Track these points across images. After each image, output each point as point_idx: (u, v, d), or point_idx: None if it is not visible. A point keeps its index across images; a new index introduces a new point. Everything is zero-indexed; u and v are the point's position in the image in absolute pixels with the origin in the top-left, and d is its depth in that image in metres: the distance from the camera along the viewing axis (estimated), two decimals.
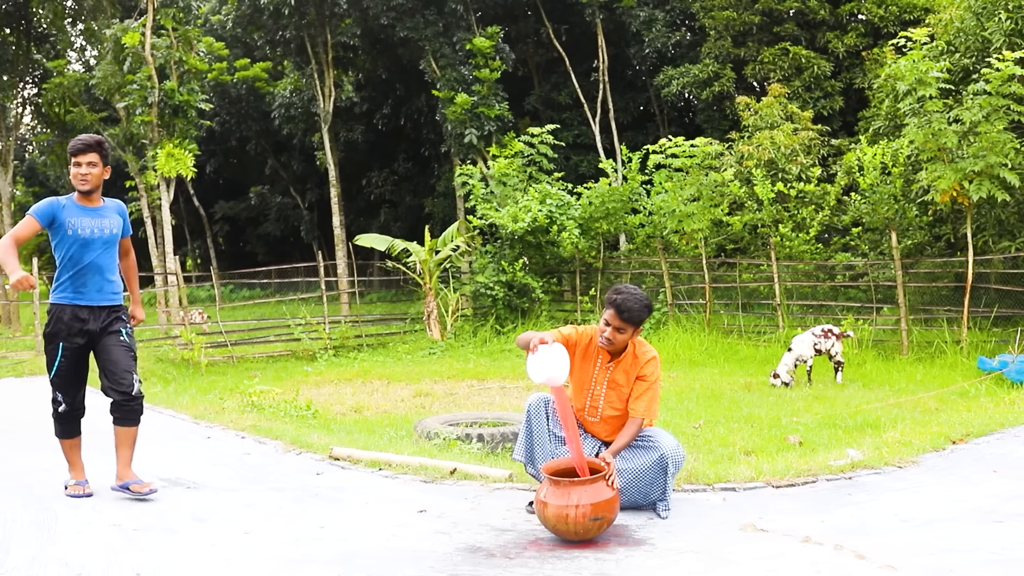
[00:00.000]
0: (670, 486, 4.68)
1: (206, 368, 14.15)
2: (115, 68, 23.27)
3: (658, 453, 4.64)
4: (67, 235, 5.06)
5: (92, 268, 5.13)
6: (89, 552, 4.17)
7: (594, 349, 4.80)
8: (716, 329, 15.00)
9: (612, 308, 4.62)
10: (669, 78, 24.44)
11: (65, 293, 5.12)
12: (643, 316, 4.65)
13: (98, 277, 5.16)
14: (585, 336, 4.82)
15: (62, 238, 5.08)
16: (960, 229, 13.32)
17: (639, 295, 4.65)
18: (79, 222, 5.08)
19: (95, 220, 5.15)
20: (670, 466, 4.63)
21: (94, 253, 5.13)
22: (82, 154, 5.10)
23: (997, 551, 3.91)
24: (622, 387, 4.76)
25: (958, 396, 8.94)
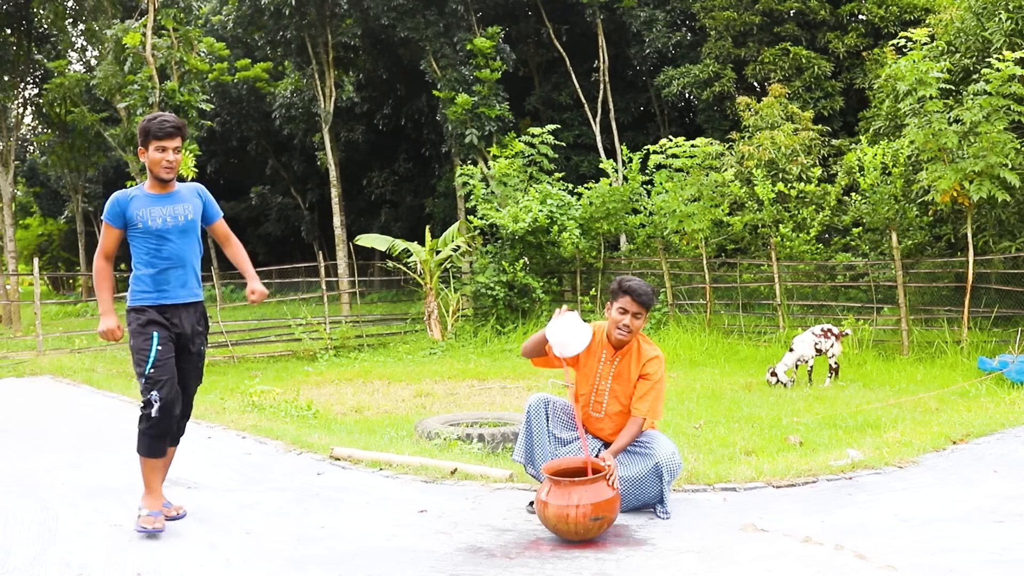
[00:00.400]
0: (668, 492, 4.68)
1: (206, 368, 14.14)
2: (116, 68, 23.25)
3: (653, 461, 4.64)
4: (139, 229, 4.54)
5: (175, 262, 4.62)
6: (90, 552, 4.18)
7: (599, 344, 4.81)
8: (717, 329, 15.00)
9: (627, 294, 4.67)
10: (669, 78, 24.43)
11: (147, 294, 4.61)
12: (653, 300, 4.79)
13: (180, 271, 4.64)
14: (596, 332, 4.84)
15: (135, 233, 4.57)
16: (960, 229, 13.31)
17: (645, 283, 4.78)
18: (148, 212, 4.55)
19: (167, 208, 4.59)
20: (665, 474, 4.63)
21: (173, 245, 4.60)
22: (170, 138, 4.53)
23: (998, 551, 3.92)
24: (627, 382, 4.77)
25: (959, 396, 8.94)
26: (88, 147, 33.14)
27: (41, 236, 52.72)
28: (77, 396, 10.75)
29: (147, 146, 4.54)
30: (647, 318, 4.81)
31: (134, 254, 4.62)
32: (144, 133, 4.54)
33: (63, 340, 16.32)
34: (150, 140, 4.53)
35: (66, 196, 40.66)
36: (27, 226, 51.45)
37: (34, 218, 51.45)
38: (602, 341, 4.81)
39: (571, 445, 4.74)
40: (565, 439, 4.78)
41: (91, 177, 38.41)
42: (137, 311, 4.60)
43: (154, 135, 4.51)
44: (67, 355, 14.23)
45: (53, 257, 53.51)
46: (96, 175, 38.90)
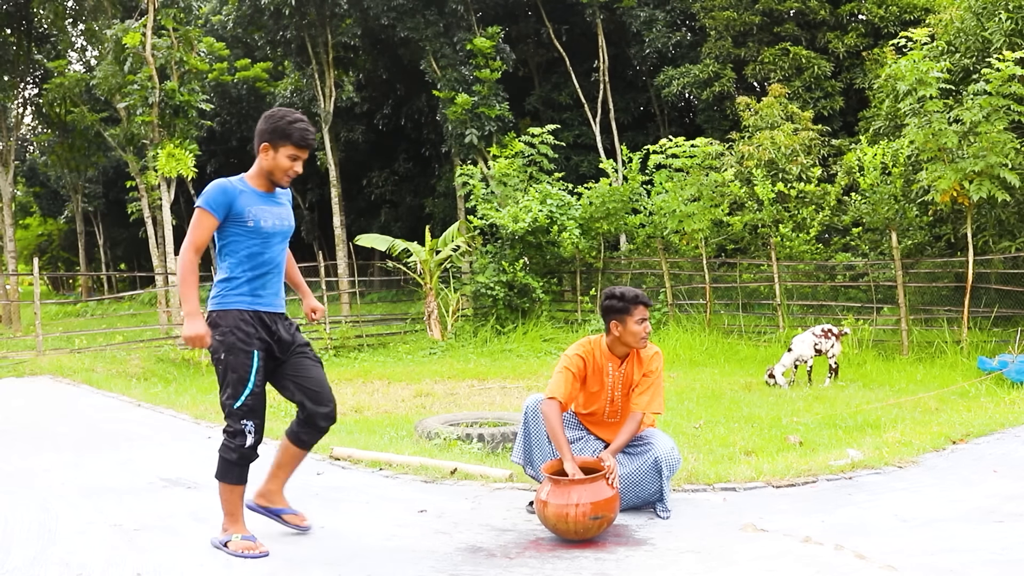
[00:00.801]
0: (667, 488, 4.68)
1: (207, 368, 14.14)
2: (116, 68, 23.25)
3: (653, 456, 4.65)
4: (247, 228, 4.11)
5: (274, 267, 4.25)
6: (90, 552, 4.18)
7: (602, 359, 4.80)
8: (716, 329, 15.01)
9: (639, 304, 4.68)
10: (669, 78, 24.44)
11: (241, 297, 4.15)
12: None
13: (276, 278, 4.29)
14: (592, 353, 4.82)
15: (240, 231, 4.12)
16: (960, 229, 13.31)
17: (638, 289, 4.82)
18: (260, 212, 4.14)
19: (276, 210, 4.23)
20: (664, 469, 4.63)
21: (275, 249, 4.24)
22: (308, 150, 4.20)
23: (997, 551, 3.91)
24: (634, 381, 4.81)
25: (958, 396, 8.94)
26: (88, 147, 33.13)
27: (41, 236, 52.73)
28: (77, 396, 10.75)
29: (277, 148, 4.12)
30: None
31: (228, 254, 4.16)
32: (280, 134, 4.11)
33: (63, 340, 16.31)
34: (286, 144, 4.12)
35: (66, 196, 40.66)
36: (27, 226, 51.46)
37: (34, 218, 51.46)
38: (604, 356, 4.81)
39: (572, 446, 4.74)
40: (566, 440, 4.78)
41: (91, 177, 38.41)
42: (232, 314, 4.13)
43: (295, 142, 4.12)
44: (67, 355, 14.23)
45: (53, 257, 53.53)
46: (96, 175, 38.89)
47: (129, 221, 33.86)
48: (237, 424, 4.12)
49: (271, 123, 4.13)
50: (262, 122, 4.17)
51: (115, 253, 48.64)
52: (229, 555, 4.05)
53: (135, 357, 14.34)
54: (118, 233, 45.87)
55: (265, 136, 4.14)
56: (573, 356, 4.77)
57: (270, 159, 4.14)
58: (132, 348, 15.38)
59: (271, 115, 4.18)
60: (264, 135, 4.13)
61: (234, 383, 4.11)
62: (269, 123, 4.14)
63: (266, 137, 4.13)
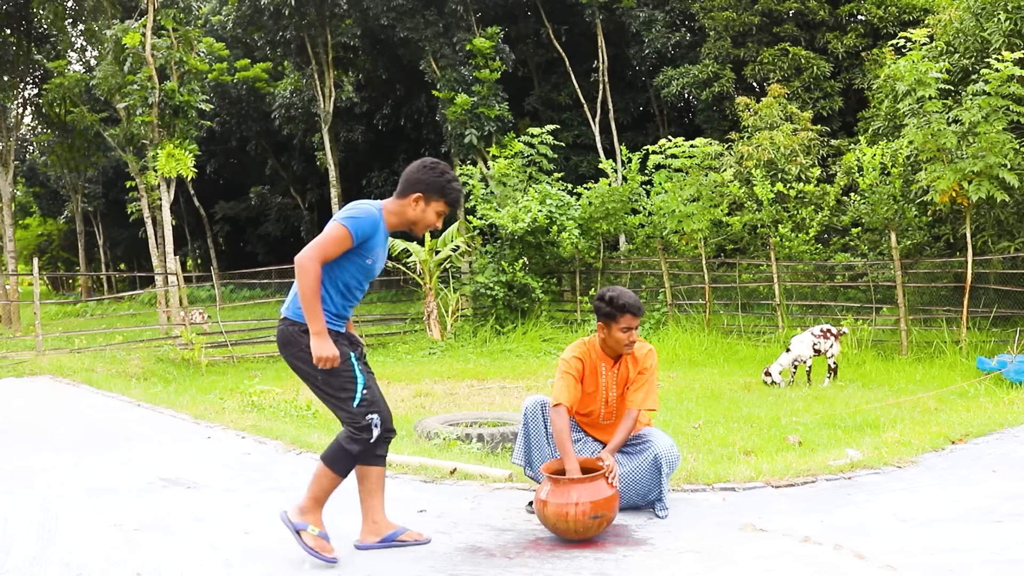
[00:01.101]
0: (666, 486, 4.69)
1: (206, 368, 14.16)
2: (115, 68, 23.26)
3: (652, 454, 4.66)
4: (363, 264, 4.09)
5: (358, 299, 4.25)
6: (89, 552, 4.18)
7: (596, 360, 4.80)
8: (716, 329, 15.01)
9: (626, 312, 4.61)
10: (669, 78, 24.45)
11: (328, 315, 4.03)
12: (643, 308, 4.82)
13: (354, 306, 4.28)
14: (585, 358, 4.80)
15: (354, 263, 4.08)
16: (959, 229, 13.32)
17: (628, 290, 4.75)
18: (380, 254, 4.15)
19: (384, 252, 4.22)
20: (664, 466, 4.64)
21: (367, 285, 4.25)
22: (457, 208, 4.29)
23: (996, 551, 3.92)
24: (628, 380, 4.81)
25: (957, 396, 8.94)
26: (88, 147, 33.14)
27: (41, 236, 52.72)
28: (77, 396, 10.75)
29: (429, 202, 4.09)
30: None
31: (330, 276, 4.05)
32: (438, 190, 4.09)
33: (62, 340, 16.32)
34: (439, 201, 4.11)
35: (66, 196, 40.65)
36: (27, 226, 51.46)
37: (34, 218, 51.47)
38: (598, 356, 4.80)
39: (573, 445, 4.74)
40: None
41: (91, 177, 38.42)
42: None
43: (449, 202, 4.14)
44: (66, 355, 14.23)
45: (53, 257, 53.52)
46: (96, 175, 38.91)
47: (129, 221, 33.89)
48: (362, 420, 3.99)
49: (431, 176, 4.09)
50: (419, 172, 4.10)
51: (115, 253, 48.65)
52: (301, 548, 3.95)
53: (135, 357, 14.35)
54: (118, 233, 45.88)
55: (421, 187, 4.08)
56: (571, 359, 4.76)
57: (418, 211, 4.11)
58: (132, 348, 15.39)
59: (431, 168, 4.11)
60: (419, 185, 4.08)
61: (343, 384, 4.01)
62: (428, 176, 4.09)
63: (421, 188, 4.08)
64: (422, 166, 4.12)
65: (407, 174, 4.13)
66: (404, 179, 4.12)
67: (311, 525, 4.00)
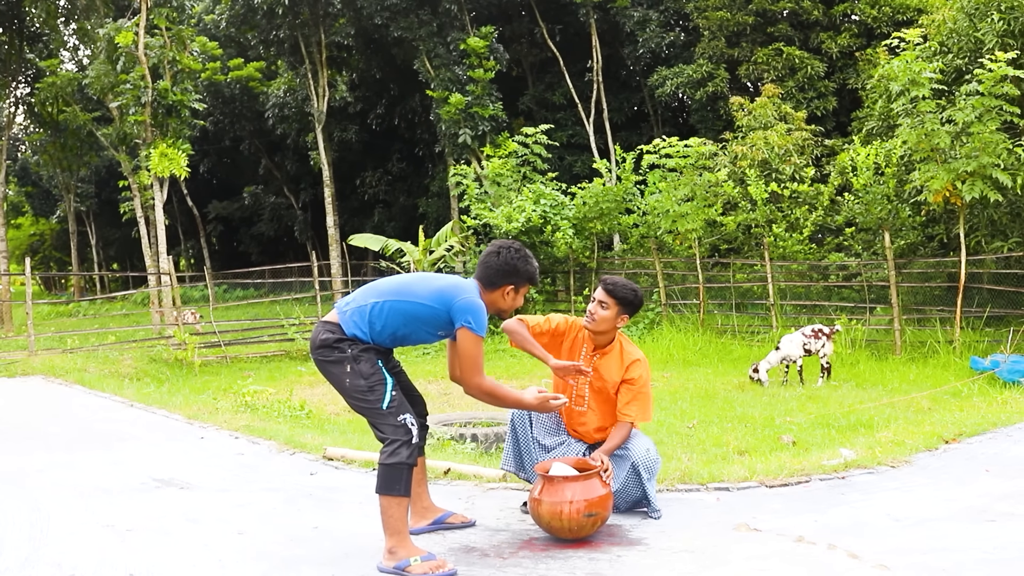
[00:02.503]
0: (651, 490, 4.65)
1: (200, 368, 14.13)
2: (108, 68, 23.21)
3: (629, 463, 4.62)
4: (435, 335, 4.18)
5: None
6: (82, 553, 4.17)
7: (580, 340, 4.78)
8: (710, 329, 15.02)
9: (599, 284, 4.66)
10: (663, 78, 24.46)
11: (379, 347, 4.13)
12: (627, 295, 4.62)
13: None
14: (573, 327, 4.80)
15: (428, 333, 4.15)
16: (953, 229, 13.35)
17: (628, 281, 4.71)
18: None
19: None
20: (643, 472, 4.60)
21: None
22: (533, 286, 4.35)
23: (990, 550, 3.93)
24: (606, 382, 4.70)
25: (951, 396, 8.96)
26: (80, 146, 33.06)
27: (33, 236, 52.59)
28: (69, 396, 10.72)
29: (519, 290, 4.19)
30: (622, 319, 4.67)
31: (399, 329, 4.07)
32: (527, 278, 4.16)
33: (55, 340, 16.27)
34: (526, 286, 4.21)
35: (58, 196, 40.57)
36: (19, 226, 51.32)
37: (26, 218, 51.32)
38: (584, 337, 4.78)
39: (555, 451, 4.72)
40: (548, 445, 4.75)
41: (83, 177, 38.34)
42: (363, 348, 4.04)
43: (534, 283, 4.25)
44: (59, 355, 14.19)
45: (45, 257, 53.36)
46: (88, 175, 38.83)
47: (122, 221, 33.80)
48: (395, 420, 3.93)
49: (519, 266, 4.12)
50: (507, 263, 4.10)
51: (107, 253, 48.54)
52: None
53: (128, 357, 14.31)
54: (110, 233, 45.79)
55: (511, 278, 4.12)
56: (558, 315, 4.85)
57: (510, 300, 4.18)
58: (125, 348, 15.35)
59: (518, 257, 4.13)
60: (511, 277, 4.12)
61: (372, 387, 3.96)
62: (517, 266, 4.12)
63: (512, 280, 4.12)
64: (508, 255, 4.11)
65: (496, 265, 4.11)
66: (493, 270, 4.11)
67: (412, 559, 3.84)
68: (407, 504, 3.94)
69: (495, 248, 4.14)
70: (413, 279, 4.17)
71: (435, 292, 4.02)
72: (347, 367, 3.96)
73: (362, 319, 4.02)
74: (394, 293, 4.06)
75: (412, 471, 3.93)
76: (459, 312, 3.96)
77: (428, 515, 4.45)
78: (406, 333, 4.10)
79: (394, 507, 3.89)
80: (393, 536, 3.88)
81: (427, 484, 4.50)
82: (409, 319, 4.03)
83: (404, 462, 3.87)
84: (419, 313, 4.02)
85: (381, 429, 3.95)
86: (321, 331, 4.07)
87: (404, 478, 3.88)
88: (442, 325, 4.05)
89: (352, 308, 4.06)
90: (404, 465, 3.87)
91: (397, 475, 3.87)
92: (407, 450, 3.88)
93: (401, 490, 3.88)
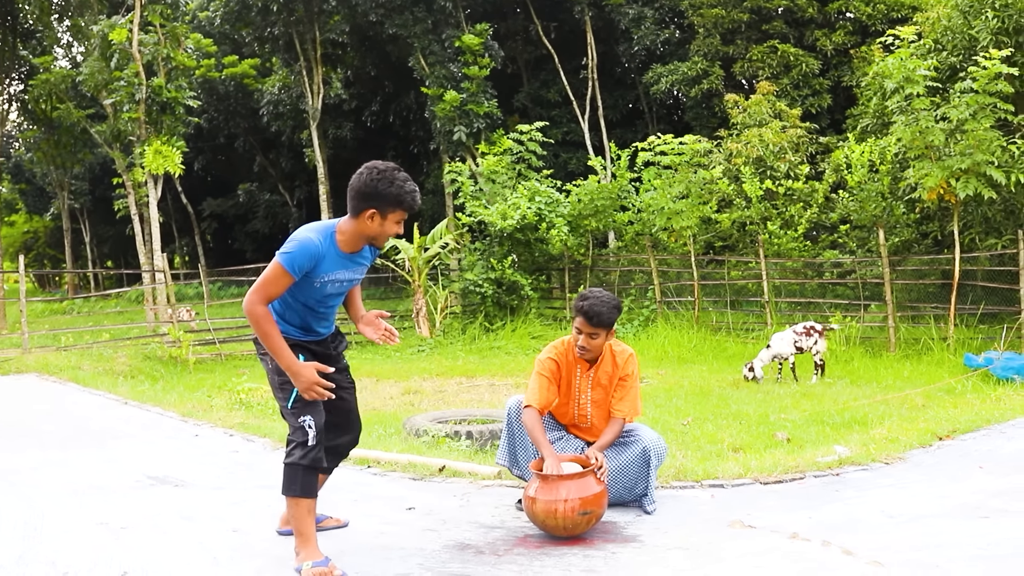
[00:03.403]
0: (653, 480, 4.70)
1: (194, 366, 14.10)
2: (102, 65, 23.15)
3: (640, 446, 4.66)
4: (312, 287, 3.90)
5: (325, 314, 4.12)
6: (76, 551, 4.15)
7: (572, 363, 4.76)
8: (704, 326, 15.03)
9: (581, 315, 4.56)
10: (658, 75, 24.48)
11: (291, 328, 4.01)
12: (613, 317, 4.56)
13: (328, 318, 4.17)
14: (565, 355, 4.75)
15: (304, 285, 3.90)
16: (947, 226, 13.37)
17: (604, 297, 4.58)
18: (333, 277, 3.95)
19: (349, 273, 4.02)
20: (653, 458, 4.65)
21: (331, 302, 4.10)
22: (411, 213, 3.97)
23: (983, 547, 3.94)
24: (605, 388, 4.74)
25: (945, 393, 8.98)
26: (74, 144, 33.00)
27: (27, 233, 52.46)
28: (63, 394, 10.69)
29: (386, 215, 3.82)
30: (611, 335, 4.66)
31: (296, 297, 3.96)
32: (393, 201, 3.79)
33: (49, 338, 16.23)
34: (396, 211, 3.83)
35: (52, 193, 40.46)
36: (12, 223, 51.18)
37: (19, 215, 51.20)
38: (574, 358, 4.74)
39: (552, 446, 4.71)
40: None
41: (77, 174, 38.25)
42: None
43: (407, 208, 3.86)
44: (53, 353, 14.16)
45: (39, 254, 53.27)
46: (82, 172, 38.74)
47: (116, 218, 33.74)
48: (295, 421, 3.84)
49: (381, 187, 3.78)
50: (367, 184, 3.78)
51: (101, 250, 48.45)
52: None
53: (122, 355, 14.28)
54: (104, 230, 45.69)
55: (371, 202, 3.79)
56: (546, 360, 4.70)
57: (375, 226, 3.83)
58: (119, 346, 15.31)
59: (379, 178, 3.79)
60: (370, 200, 3.78)
61: (282, 384, 3.89)
62: (378, 188, 3.78)
63: (373, 203, 3.78)
64: (370, 178, 3.79)
65: (354, 189, 3.82)
66: (353, 194, 3.82)
67: (305, 563, 3.78)
68: (307, 506, 3.86)
69: (361, 170, 3.87)
70: None
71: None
72: (269, 362, 3.93)
73: (276, 314, 3.95)
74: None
75: (313, 474, 3.85)
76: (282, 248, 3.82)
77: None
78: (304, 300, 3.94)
79: (294, 507, 3.86)
80: (297, 537, 3.87)
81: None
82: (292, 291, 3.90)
83: (297, 463, 3.80)
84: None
85: (288, 428, 3.92)
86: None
87: (299, 479, 3.81)
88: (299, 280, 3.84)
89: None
90: (298, 466, 3.80)
91: (293, 476, 3.83)
92: (300, 451, 3.80)
93: (297, 491, 3.82)
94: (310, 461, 3.81)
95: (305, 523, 3.85)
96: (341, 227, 3.90)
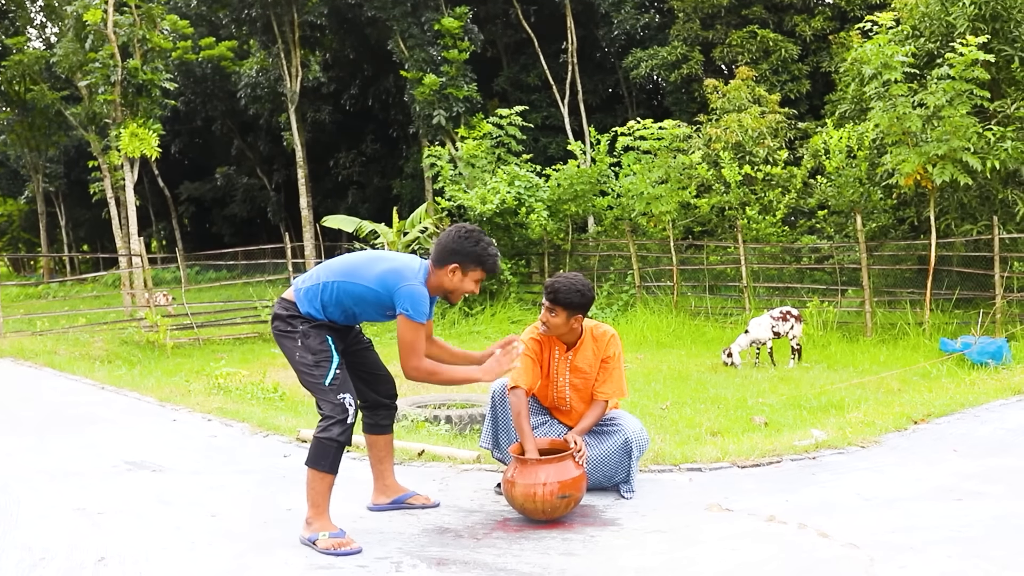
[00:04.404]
0: (635, 469, 4.70)
1: (172, 350, 14.02)
2: (76, 46, 22.87)
3: (623, 437, 4.65)
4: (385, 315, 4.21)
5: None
6: (52, 536, 4.13)
7: (551, 343, 4.73)
8: (683, 311, 15.09)
9: (544, 291, 4.56)
10: (638, 60, 24.46)
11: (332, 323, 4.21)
12: (572, 299, 4.46)
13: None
14: (545, 336, 4.72)
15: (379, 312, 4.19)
16: (923, 212, 13.47)
17: (573, 278, 4.52)
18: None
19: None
20: (634, 450, 4.65)
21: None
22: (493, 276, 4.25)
23: (956, 528, 3.99)
24: (586, 373, 4.69)
25: (920, 377, 9.06)
26: (48, 126, 32.58)
27: (1, 217, 51.82)
28: (39, 379, 10.60)
29: (467, 272, 4.10)
30: (576, 319, 4.55)
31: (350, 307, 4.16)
32: (476, 261, 4.08)
33: (24, 322, 16.08)
34: (477, 270, 4.12)
35: (26, 176, 39.94)
36: None
37: None
38: (553, 340, 4.70)
39: (536, 431, 4.70)
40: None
41: (52, 157, 37.78)
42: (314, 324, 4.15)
43: (487, 269, 4.14)
44: (28, 337, 14.03)
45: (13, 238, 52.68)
46: (57, 154, 38.26)
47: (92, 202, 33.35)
48: (334, 398, 4.00)
49: (467, 246, 4.06)
50: (455, 241, 4.07)
51: (77, 234, 47.94)
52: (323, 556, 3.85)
53: (98, 339, 14.17)
54: (80, 214, 45.18)
55: (457, 258, 4.07)
56: (529, 340, 4.67)
57: (456, 280, 4.10)
58: (95, 330, 15.19)
59: (466, 237, 4.07)
60: (455, 256, 4.07)
61: (318, 363, 4.05)
62: (464, 246, 4.06)
63: (458, 259, 4.06)
64: (458, 235, 4.08)
65: (443, 243, 4.09)
66: (440, 248, 4.10)
67: (321, 533, 3.94)
68: (331, 481, 4.03)
69: (451, 228, 4.16)
70: (362, 260, 4.22)
71: (379, 276, 4.07)
72: (298, 341, 4.09)
73: (315, 298, 4.13)
74: (343, 274, 4.14)
75: (342, 450, 4.01)
76: (399, 299, 4.00)
77: (390, 493, 4.57)
78: (356, 312, 4.20)
79: (318, 481, 4.00)
80: (312, 508, 4.01)
81: (392, 463, 4.61)
82: (357, 300, 4.12)
83: (335, 439, 3.96)
84: (365, 295, 4.10)
85: (321, 405, 4.05)
86: (278, 307, 4.22)
87: (332, 455, 3.98)
88: (388, 307, 4.10)
89: (306, 287, 4.17)
90: (334, 442, 3.96)
91: (325, 451, 3.97)
92: (339, 428, 3.96)
93: (327, 466, 3.98)
94: (347, 439, 4.00)
95: (324, 496, 4.02)
96: (426, 276, 4.13)
